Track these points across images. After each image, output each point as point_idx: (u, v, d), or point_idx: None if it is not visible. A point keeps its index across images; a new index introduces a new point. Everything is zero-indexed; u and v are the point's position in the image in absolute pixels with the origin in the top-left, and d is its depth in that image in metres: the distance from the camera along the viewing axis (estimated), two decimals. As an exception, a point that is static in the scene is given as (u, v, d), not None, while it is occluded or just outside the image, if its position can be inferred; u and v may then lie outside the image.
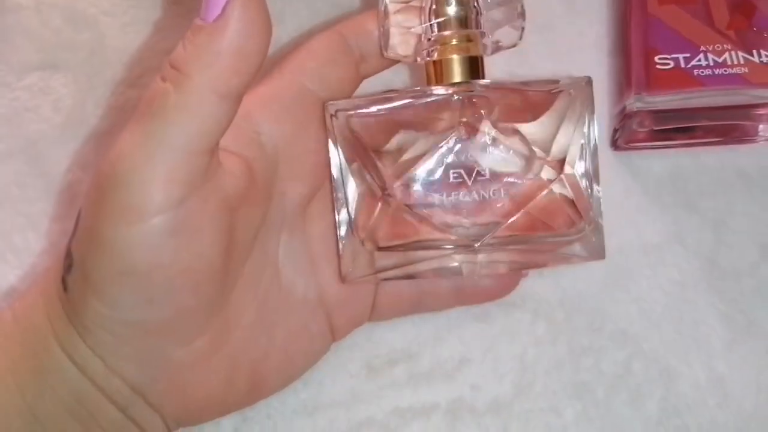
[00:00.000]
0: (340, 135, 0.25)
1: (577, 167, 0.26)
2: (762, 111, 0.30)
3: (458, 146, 0.25)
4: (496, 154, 0.25)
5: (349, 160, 0.26)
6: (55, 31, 0.34)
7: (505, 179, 0.25)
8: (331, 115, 0.25)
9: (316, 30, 0.33)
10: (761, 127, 0.31)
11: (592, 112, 0.26)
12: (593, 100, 0.26)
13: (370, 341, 0.30)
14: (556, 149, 0.25)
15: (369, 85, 0.28)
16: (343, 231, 0.26)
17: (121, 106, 0.33)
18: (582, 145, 0.26)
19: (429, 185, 0.25)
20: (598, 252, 0.26)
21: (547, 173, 0.25)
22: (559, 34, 0.33)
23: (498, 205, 0.25)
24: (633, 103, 0.30)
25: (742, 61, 0.29)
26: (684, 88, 0.29)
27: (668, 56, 0.30)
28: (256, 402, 0.27)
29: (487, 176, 0.25)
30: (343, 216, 0.26)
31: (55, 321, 0.24)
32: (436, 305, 0.28)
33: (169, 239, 0.22)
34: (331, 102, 0.25)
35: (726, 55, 0.29)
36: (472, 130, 0.25)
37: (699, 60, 0.29)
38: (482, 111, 0.25)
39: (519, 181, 0.25)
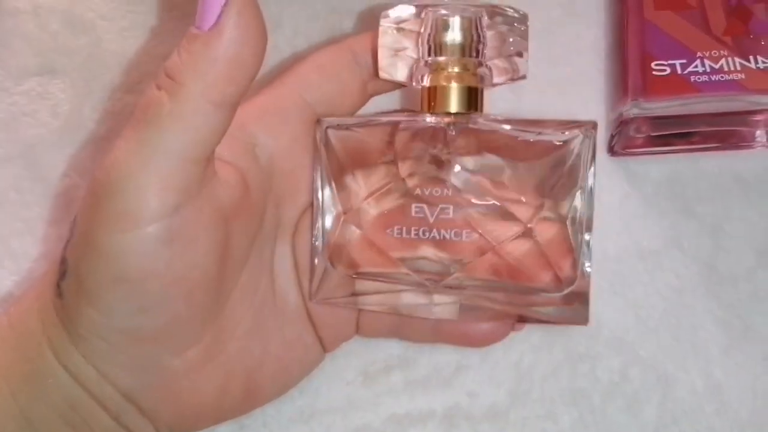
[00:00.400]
0: (323, 152, 0.25)
1: (570, 216, 0.24)
2: (759, 117, 0.30)
3: (425, 179, 0.23)
4: (466, 193, 0.23)
5: (329, 179, 0.25)
6: (53, 36, 0.34)
7: (473, 220, 0.23)
8: (321, 132, 0.25)
9: (314, 34, 0.34)
10: (758, 132, 0.31)
11: (593, 159, 0.24)
12: (595, 146, 0.24)
13: (367, 348, 0.30)
14: (545, 194, 0.24)
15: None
16: (317, 249, 0.25)
17: (118, 111, 0.33)
18: (578, 192, 0.24)
19: (387, 216, 0.24)
20: (580, 316, 0.24)
21: (525, 218, 0.24)
22: (555, 38, 0.33)
23: (460, 246, 0.24)
24: (630, 110, 0.30)
25: (738, 68, 0.29)
26: (681, 95, 0.29)
27: (665, 62, 0.30)
28: (251, 410, 0.27)
29: (451, 215, 0.23)
30: (318, 234, 0.25)
31: (48, 327, 0.24)
32: (415, 337, 0.28)
33: (163, 247, 0.22)
34: (323, 119, 0.25)
35: (722, 61, 0.29)
36: (448, 164, 0.24)
37: (695, 66, 0.29)
38: (461, 146, 0.23)
39: (489, 224, 0.23)
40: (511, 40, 0.24)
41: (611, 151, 0.32)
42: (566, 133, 0.23)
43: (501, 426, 0.29)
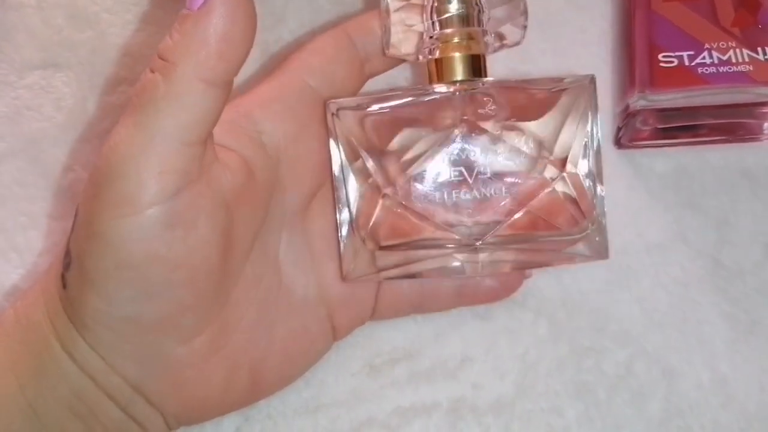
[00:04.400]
0: (341, 133, 0.25)
1: (581, 166, 0.25)
2: (766, 109, 0.30)
3: (459, 144, 0.25)
4: (497, 153, 0.25)
5: (351, 159, 0.25)
6: (57, 29, 0.34)
7: (507, 178, 0.25)
8: (333, 114, 0.25)
9: (318, 27, 0.34)
10: (766, 125, 0.31)
11: (596, 110, 0.26)
12: (597, 98, 0.26)
13: (372, 340, 0.30)
14: (559, 147, 0.25)
15: (371, 82, 0.28)
16: (344, 230, 0.26)
17: (122, 105, 0.33)
18: (585, 143, 0.25)
19: (430, 183, 0.25)
20: (601, 251, 0.26)
21: (549, 172, 0.25)
22: (561, 30, 0.33)
23: (499, 204, 0.25)
24: (636, 102, 0.30)
25: (746, 59, 0.29)
26: (688, 86, 0.29)
27: (672, 54, 0.29)
28: (256, 401, 0.27)
29: (489, 175, 0.25)
30: (344, 215, 0.26)
31: (55, 319, 0.24)
32: (438, 306, 0.28)
33: (164, 231, 0.22)
34: (333, 100, 0.25)
35: (730, 52, 0.29)
36: (474, 128, 0.25)
37: (703, 58, 0.29)
38: (484, 109, 0.25)
39: (521, 180, 0.25)
40: (507, 6, 0.25)
41: (617, 143, 0.32)
42: (566, 80, 0.25)
43: (506, 419, 0.29)
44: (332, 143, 0.25)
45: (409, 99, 0.25)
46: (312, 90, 0.25)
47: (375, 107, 0.25)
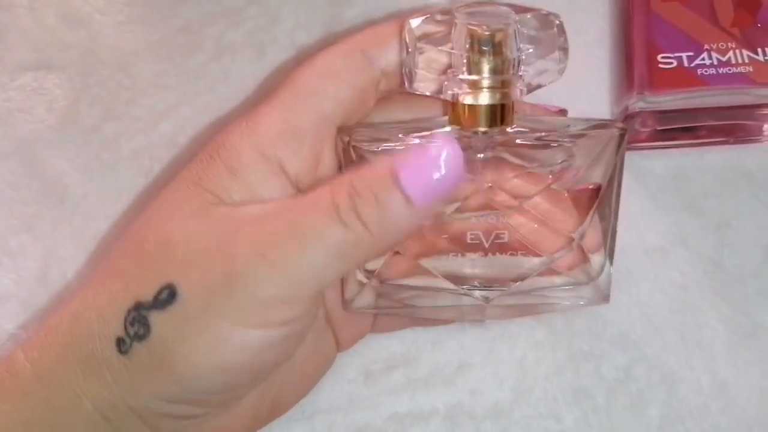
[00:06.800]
0: (352, 165, 0.24)
1: (600, 212, 0.24)
2: (766, 111, 0.30)
3: (478, 209, 0.23)
4: (518, 215, 0.24)
5: None
6: (49, 30, 0.33)
7: (525, 242, 0.24)
8: (344, 146, 0.24)
9: (314, 28, 0.33)
10: (765, 126, 0.31)
11: (622, 163, 0.24)
12: (624, 150, 0.24)
13: (369, 347, 0.30)
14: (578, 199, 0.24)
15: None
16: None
17: (115, 107, 0.33)
18: (607, 194, 0.24)
19: (443, 244, 0.24)
20: (602, 296, 0.25)
21: (572, 228, 0.24)
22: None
23: (514, 264, 0.24)
24: (635, 103, 0.29)
25: (746, 60, 0.29)
26: (687, 88, 0.29)
27: (671, 55, 0.29)
28: (271, 422, 0.27)
29: (506, 239, 0.24)
30: None
31: (90, 378, 0.22)
32: (435, 320, 0.28)
33: (278, 346, 0.21)
34: (344, 131, 0.24)
35: (730, 53, 0.29)
36: (496, 193, 0.24)
37: (703, 59, 0.29)
38: (506, 171, 0.23)
39: (539, 244, 0.24)
40: (544, 47, 0.23)
41: (616, 145, 0.31)
42: (594, 131, 0.23)
43: (504, 425, 0.29)
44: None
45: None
46: (326, 119, 0.24)
47: (390, 146, 0.23)
